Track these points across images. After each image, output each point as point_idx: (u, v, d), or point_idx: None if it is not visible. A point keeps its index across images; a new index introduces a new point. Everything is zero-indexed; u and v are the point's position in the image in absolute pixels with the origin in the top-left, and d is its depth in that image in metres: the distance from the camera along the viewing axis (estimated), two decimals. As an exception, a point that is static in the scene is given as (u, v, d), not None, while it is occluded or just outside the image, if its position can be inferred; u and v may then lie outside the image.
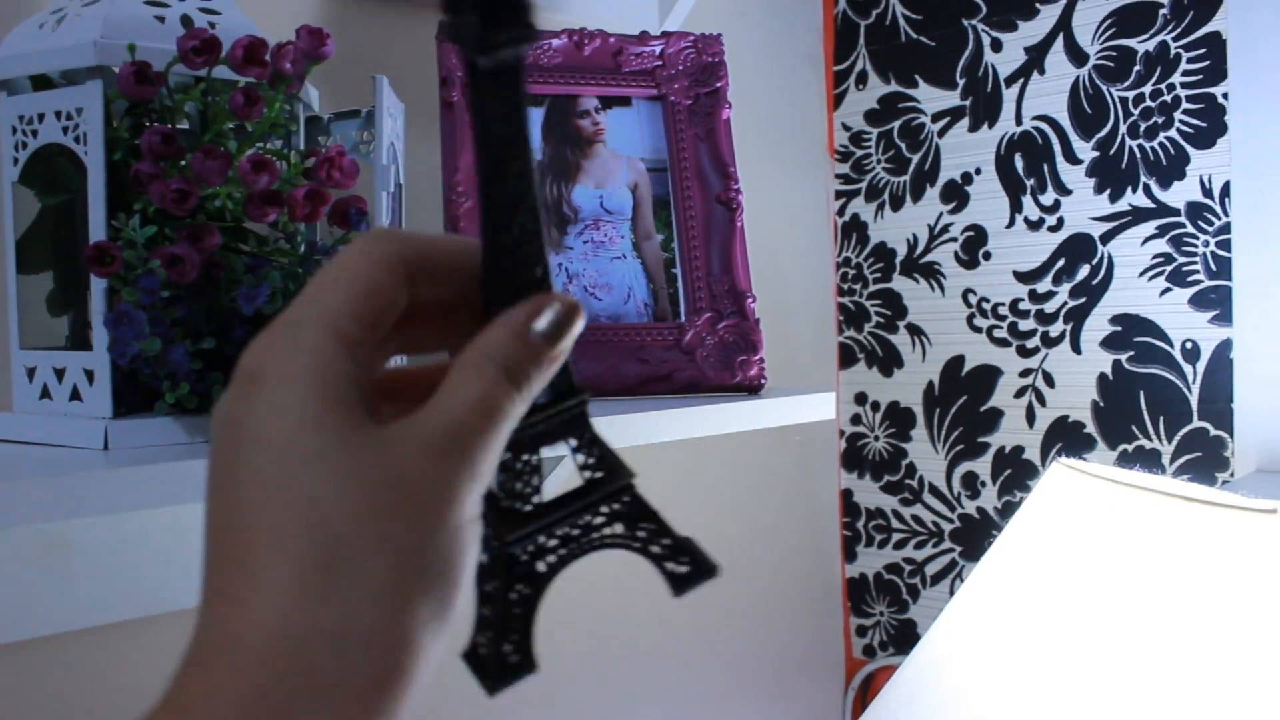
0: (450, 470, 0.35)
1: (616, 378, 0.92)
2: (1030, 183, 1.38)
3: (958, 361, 1.46)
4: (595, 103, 1.01)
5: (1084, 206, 1.34)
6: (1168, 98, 1.26)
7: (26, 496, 0.55)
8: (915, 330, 1.50)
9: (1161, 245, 1.28)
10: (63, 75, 0.68)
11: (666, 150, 1.01)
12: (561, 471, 0.95)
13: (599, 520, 0.45)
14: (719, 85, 1.03)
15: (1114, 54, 1.30)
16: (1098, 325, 1.33)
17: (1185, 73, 1.25)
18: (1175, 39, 1.26)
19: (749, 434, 1.06)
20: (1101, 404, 1.33)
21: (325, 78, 1.00)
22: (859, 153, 1.54)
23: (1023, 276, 1.39)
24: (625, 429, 0.82)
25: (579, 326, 0.39)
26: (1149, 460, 1.29)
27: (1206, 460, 1.26)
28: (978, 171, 1.42)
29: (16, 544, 0.83)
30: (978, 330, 1.44)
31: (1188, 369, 1.27)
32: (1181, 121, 1.25)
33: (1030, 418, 1.40)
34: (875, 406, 1.55)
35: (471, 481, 0.35)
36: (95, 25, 0.66)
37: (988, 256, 1.42)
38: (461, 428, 0.35)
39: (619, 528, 0.46)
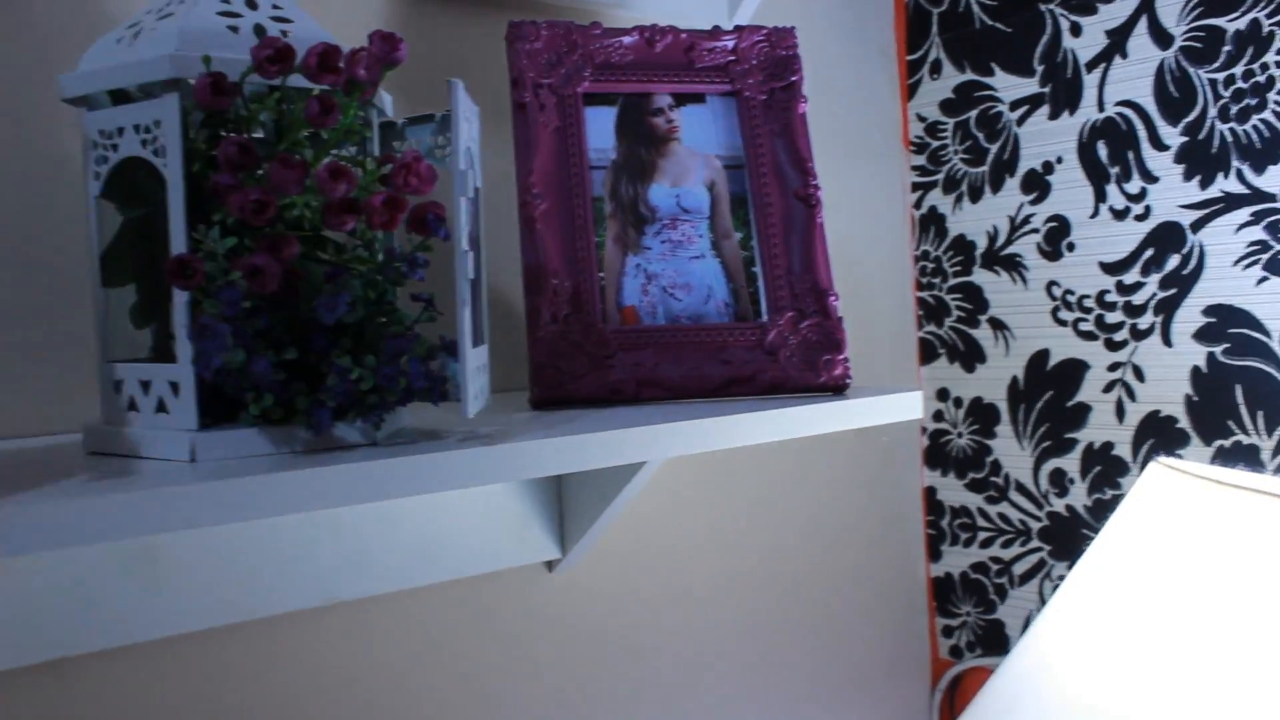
0: None
1: (699, 380, 0.91)
2: (1115, 171, 1.34)
3: (1042, 356, 1.42)
4: (669, 100, 1.00)
5: (1172, 194, 1.30)
6: (1260, 78, 1.22)
7: (116, 512, 0.55)
8: (997, 324, 1.46)
9: (1257, 232, 1.23)
10: (140, 89, 0.68)
11: (742, 147, 0.99)
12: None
13: None
14: (793, 79, 1.01)
15: (1201, 34, 1.26)
16: (1189, 317, 1.29)
17: None
18: (1269, 16, 1.21)
19: (832, 433, 1.04)
20: (1195, 398, 1.29)
21: (397, 82, 1.00)
22: (935, 144, 1.51)
23: (1109, 268, 1.35)
24: (711, 434, 0.81)
25: None
26: (1248, 456, 1.25)
27: (1308, 453, 1.21)
28: (1059, 160, 1.38)
29: (105, 553, 0.84)
30: (1063, 323, 1.40)
31: (1286, 359, 1.22)
32: (1276, 102, 1.21)
33: (1120, 413, 1.36)
34: (958, 402, 1.52)
35: None
36: (170, 39, 0.66)
37: (1071, 248, 1.38)
38: None
39: None
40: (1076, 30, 1.35)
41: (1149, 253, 1.32)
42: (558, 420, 0.80)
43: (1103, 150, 1.34)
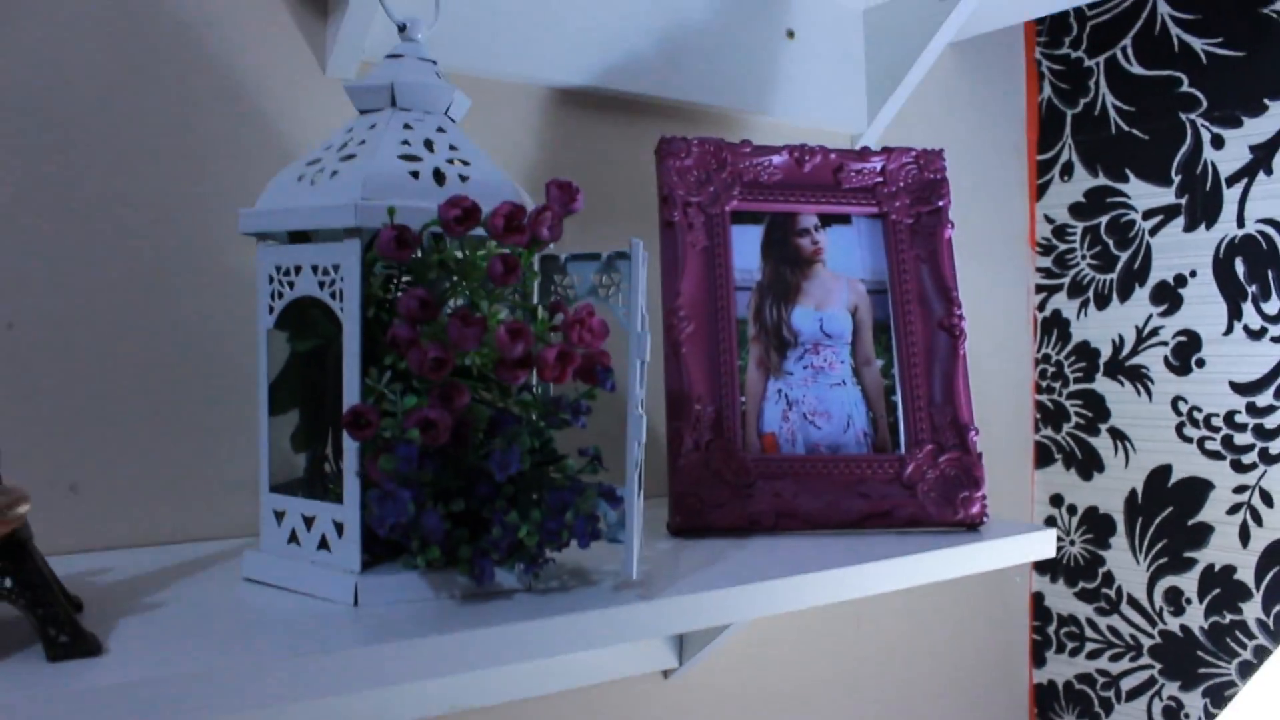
0: None
1: (837, 513, 0.90)
2: (1252, 289, 1.31)
3: (1164, 471, 1.39)
4: (815, 221, 0.99)
5: (1313, 317, 1.27)
6: None
7: (283, 675, 0.55)
8: (1118, 434, 1.43)
9: (1404, 366, 1.20)
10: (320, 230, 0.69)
11: (887, 271, 0.98)
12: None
13: None
14: (941, 204, 1.00)
15: (1353, 159, 1.23)
16: (1327, 445, 1.26)
17: None
18: None
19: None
20: (1329, 529, 1.25)
21: (537, 185, 1.01)
22: (1062, 246, 1.49)
23: (1241, 388, 1.32)
24: (846, 583, 0.79)
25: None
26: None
27: None
28: (1193, 274, 1.36)
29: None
30: (1188, 440, 1.37)
31: None
32: None
33: (1245, 537, 1.32)
34: (1072, 510, 1.49)
35: None
36: (355, 185, 0.66)
37: (1201, 364, 1.35)
38: None
39: (9, 581, 0.54)
40: (1219, 142, 1.33)
41: (1285, 376, 1.29)
42: (702, 558, 0.80)
43: (1240, 267, 1.31)
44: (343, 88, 0.78)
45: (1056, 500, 1.50)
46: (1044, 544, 0.95)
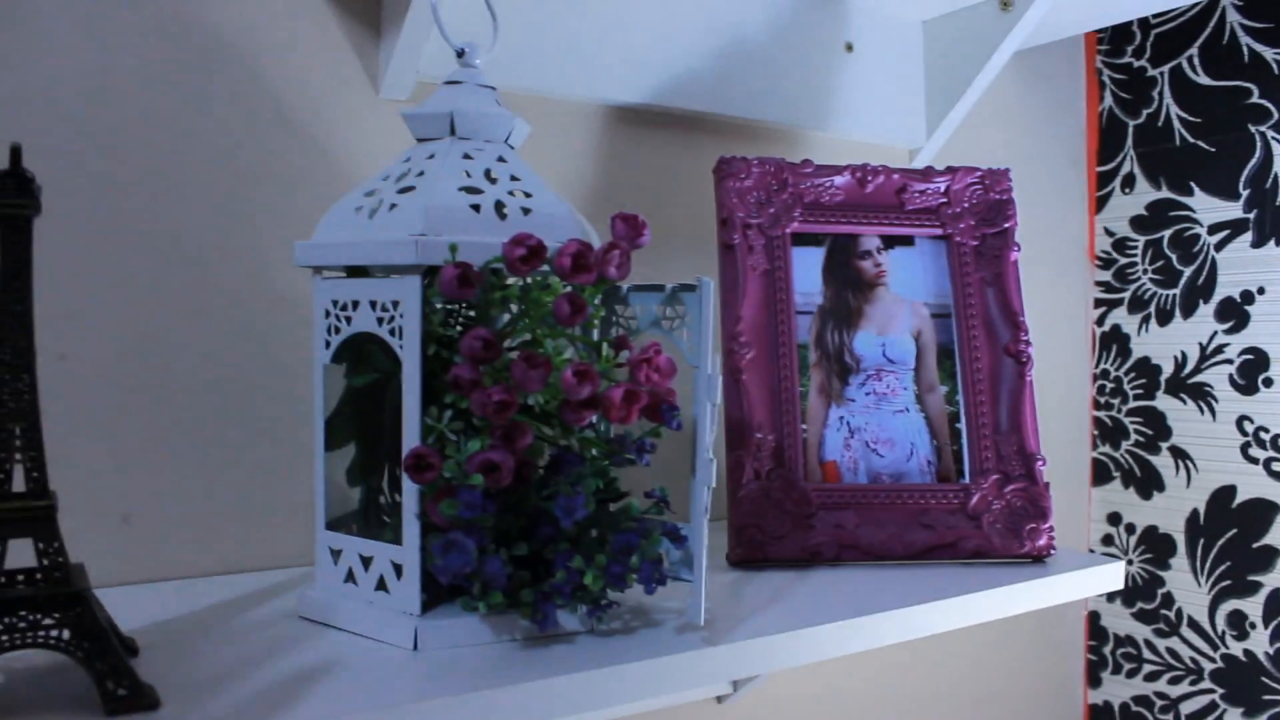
0: None
1: (901, 545, 0.87)
2: (1323, 307, 1.27)
3: (1228, 491, 1.36)
4: (877, 242, 0.96)
5: (1387, 337, 1.23)
6: None
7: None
8: (1179, 453, 1.40)
9: None
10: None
11: (951, 294, 0.96)
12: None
13: (49, 621, 0.53)
14: (1008, 225, 0.97)
15: None
16: (1400, 469, 1.22)
17: None
18: None
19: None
20: (1402, 556, 1.21)
21: (596, 206, 0.99)
22: (1123, 260, 1.45)
23: (1310, 407, 1.28)
24: (914, 623, 0.77)
25: None
26: None
27: None
28: (1260, 291, 1.32)
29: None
30: (1253, 461, 1.33)
31: None
32: None
33: (1313, 560, 1.28)
34: (1130, 528, 1.45)
35: None
36: (414, 219, 0.64)
37: (1269, 383, 1.32)
38: None
39: (67, 634, 0.53)
40: (1288, 156, 1.29)
41: (1357, 397, 1.25)
42: (765, 594, 0.78)
43: (1311, 285, 1.28)
44: (398, 113, 0.76)
45: (1114, 519, 1.47)
46: (1113, 577, 0.93)
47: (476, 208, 0.67)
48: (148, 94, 0.80)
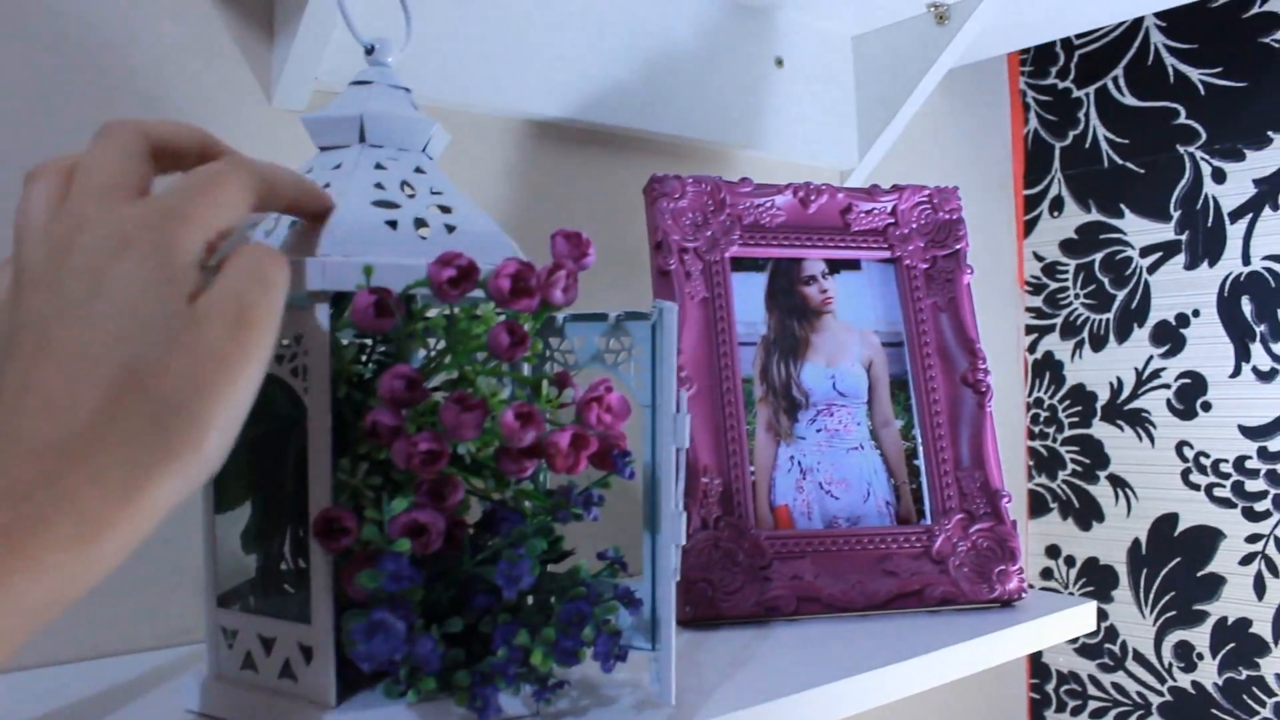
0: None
1: (864, 595, 0.80)
2: (1261, 329, 1.23)
3: (1169, 520, 1.31)
4: (822, 267, 0.89)
5: (1327, 358, 1.20)
6: None
7: None
8: (1119, 482, 1.35)
9: None
10: (280, 290, 0.57)
11: (902, 322, 0.89)
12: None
13: None
14: (959, 247, 0.91)
15: (1367, 191, 1.17)
16: (1347, 493, 1.18)
17: None
18: None
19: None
20: (1353, 583, 1.18)
21: (537, 234, 0.90)
22: (1053, 285, 1.41)
23: (1250, 432, 1.24)
24: (889, 683, 0.69)
25: None
26: None
27: None
28: (1195, 314, 1.28)
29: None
30: (1194, 487, 1.29)
31: None
32: None
33: (1260, 588, 1.24)
34: (1070, 561, 1.41)
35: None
36: (320, 238, 0.55)
37: (1207, 407, 1.28)
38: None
39: None
40: (1220, 176, 1.26)
41: (1299, 420, 1.21)
42: (724, 657, 0.69)
43: (1247, 306, 1.24)
44: (298, 120, 0.66)
45: (1053, 551, 1.42)
46: (1086, 619, 0.86)
47: (393, 224, 0.57)
48: (8, 103, 0.69)
